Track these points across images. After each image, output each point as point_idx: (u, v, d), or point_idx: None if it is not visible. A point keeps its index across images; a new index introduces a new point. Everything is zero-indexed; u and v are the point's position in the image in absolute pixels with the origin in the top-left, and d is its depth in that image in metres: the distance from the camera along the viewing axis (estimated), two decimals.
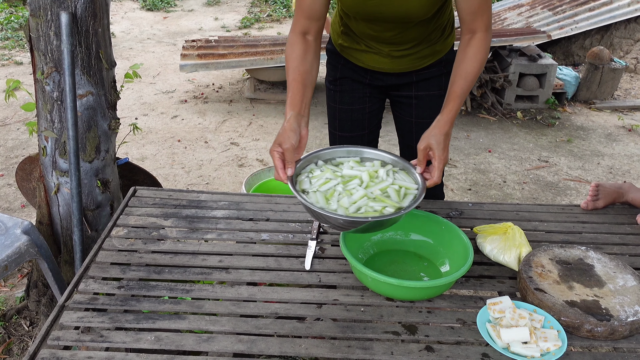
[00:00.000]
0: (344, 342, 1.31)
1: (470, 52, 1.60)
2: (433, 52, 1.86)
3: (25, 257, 1.95)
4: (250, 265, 1.59)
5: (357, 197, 1.46)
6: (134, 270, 1.56)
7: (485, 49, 1.62)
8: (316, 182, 1.51)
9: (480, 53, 1.60)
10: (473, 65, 1.59)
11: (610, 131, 4.94)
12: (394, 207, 1.43)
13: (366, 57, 1.87)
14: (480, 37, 1.60)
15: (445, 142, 1.52)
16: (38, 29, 1.98)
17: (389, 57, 1.83)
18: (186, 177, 3.94)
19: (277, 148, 1.47)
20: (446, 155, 1.52)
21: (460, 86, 1.58)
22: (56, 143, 2.12)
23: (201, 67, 4.97)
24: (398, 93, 1.98)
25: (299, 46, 1.65)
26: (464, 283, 1.54)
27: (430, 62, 1.88)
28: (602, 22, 6.19)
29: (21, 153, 4.16)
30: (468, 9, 1.59)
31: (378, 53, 1.84)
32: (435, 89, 1.94)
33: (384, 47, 1.81)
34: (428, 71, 1.90)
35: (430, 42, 1.82)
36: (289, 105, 1.56)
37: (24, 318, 2.46)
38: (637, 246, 1.74)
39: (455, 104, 1.56)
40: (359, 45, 1.85)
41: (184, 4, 10.09)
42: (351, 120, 2.01)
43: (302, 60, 1.64)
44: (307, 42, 1.67)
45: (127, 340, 1.30)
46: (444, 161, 1.51)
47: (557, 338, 1.27)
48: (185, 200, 1.94)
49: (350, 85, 1.97)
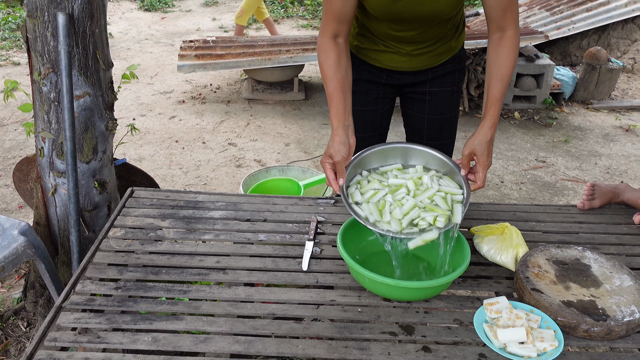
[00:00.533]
0: (341, 342, 1.31)
1: (503, 52, 1.59)
2: (449, 49, 1.88)
3: (22, 258, 1.94)
4: (247, 266, 1.59)
5: (407, 207, 1.52)
6: (131, 271, 1.56)
7: (517, 47, 1.61)
8: (367, 194, 1.58)
9: (513, 52, 1.60)
10: (507, 65, 1.59)
11: (608, 131, 4.95)
12: (445, 215, 1.49)
13: (384, 57, 1.87)
14: (511, 35, 1.59)
15: (489, 149, 1.57)
16: (35, 30, 1.97)
17: (408, 55, 1.84)
18: (184, 177, 3.94)
19: (329, 160, 1.58)
20: (490, 161, 1.58)
21: (499, 89, 1.58)
22: (53, 144, 2.12)
23: (199, 67, 4.97)
24: (412, 89, 1.99)
25: (333, 52, 1.66)
26: (461, 283, 1.55)
27: (446, 58, 1.90)
28: (600, 23, 6.20)
29: (19, 154, 4.15)
30: (498, 6, 1.58)
31: (397, 52, 1.84)
32: (448, 85, 1.96)
33: (404, 46, 1.82)
34: (443, 67, 1.92)
35: (447, 38, 1.84)
36: (335, 116, 1.62)
37: (21, 319, 2.46)
38: (634, 246, 1.75)
39: (496, 108, 1.58)
40: (377, 45, 1.85)
41: (181, 4, 10.08)
42: (363, 122, 2.02)
43: (338, 66, 1.66)
44: (339, 46, 1.68)
45: (124, 341, 1.30)
46: (487, 166, 1.58)
47: (554, 338, 1.27)
48: (182, 201, 1.93)
49: (365, 86, 1.97)
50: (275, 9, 9.52)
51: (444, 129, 2.03)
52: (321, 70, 1.69)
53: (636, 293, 1.42)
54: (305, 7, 9.69)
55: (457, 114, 2.07)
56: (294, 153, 4.35)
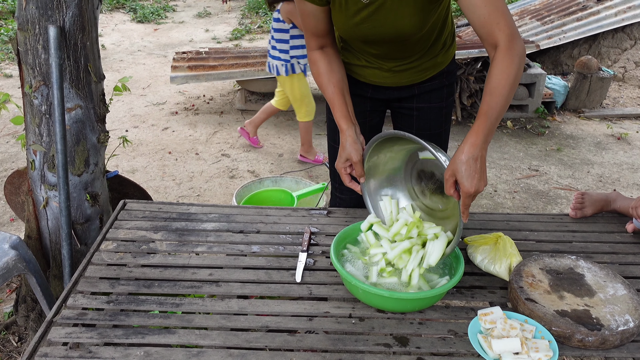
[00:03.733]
0: (335, 354, 1.30)
1: (496, 69, 1.40)
2: (434, 65, 1.84)
3: (13, 272, 1.93)
4: (240, 278, 1.58)
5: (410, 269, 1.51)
6: (123, 284, 1.54)
7: (512, 61, 1.40)
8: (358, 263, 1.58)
9: (508, 67, 1.39)
10: (499, 80, 1.39)
11: (600, 140, 4.97)
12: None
13: (367, 72, 1.86)
14: (503, 50, 1.41)
15: (472, 168, 1.33)
16: (26, 43, 1.97)
17: (391, 71, 1.82)
18: (177, 189, 3.93)
19: (347, 163, 1.61)
20: (475, 184, 1.32)
21: (487, 102, 1.39)
22: (45, 157, 2.11)
23: (192, 78, 4.98)
24: (399, 104, 1.98)
25: (322, 61, 1.70)
26: (455, 294, 1.54)
27: (431, 74, 1.87)
28: (590, 32, 6.26)
29: (10, 166, 4.13)
30: (478, 23, 1.44)
31: (379, 68, 1.83)
32: (436, 101, 1.94)
33: (385, 62, 1.80)
34: (430, 84, 1.89)
35: (432, 55, 1.80)
36: (342, 118, 1.65)
37: (13, 334, 2.43)
38: (627, 255, 1.75)
39: (482, 122, 1.36)
40: (360, 61, 1.85)
41: (174, 16, 10.11)
42: None
43: (330, 71, 1.69)
44: (328, 54, 1.72)
45: (116, 356, 1.28)
46: (470, 193, 1.33)
47: (549, 348, 1.26)
48: (175, 213, 1.93)
49: (352, 99, 1.96)
50: (268, 20, 9.55)
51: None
52: (316, 81, 1.72)
53: (630, 302, 1.42)
54: None
55: (448, 128, 2.04)
56: (288, 164, 4.35)
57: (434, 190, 1.65)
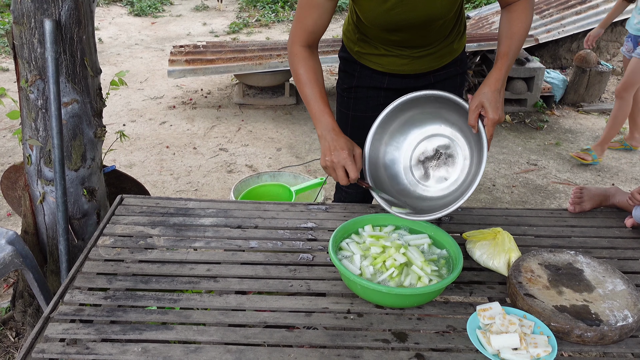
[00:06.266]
0: (333, 350, 1.30)
1: (517, 16, 1.61)
2: (451, 51, 1.87)
3: (10, 267, 1.92)
4: (238, 274, 1.58)
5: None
6: (121, 280, 1.54)
7: (529, 10, 1.61)
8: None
9: (524, 14, 1.60)
10: (519, 26, 1.59)
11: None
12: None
13: (386, 61, 1.86)
14: (523, 2, 1.60)
15: (498, 100, 1.52)
16: (22, 37, 1.95)
17: (410, 57, 1.83)
18: (175, 183, 3.92)
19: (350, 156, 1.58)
20: (499, 113, 1.52)
21: (507, 45, 1.59)
22: (41, 151, 2.10)
23: (189, 72, 4.95)
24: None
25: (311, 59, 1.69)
26: (454, 289, 1.54)
27: (448, 61, 1.89)
28: (589, 26, 6.23)
29: (7, 161, 4.11)
30: None
31: (399, 56, 1.83)
32: (450, 90, 1.94)
33: (405, 50, 1.81)
34: (445, 71, 1.92)
35: (449, 41, 1.84)
36: (329, 115, 1.64)
37: (10, 329, 2.43)
38: (626, 250, 1.75)
39: (504, 61, 1.57)
40: (378, 50, 1.85)
41: (172, 9, 10.06)
42: (363, 127, 2.01)
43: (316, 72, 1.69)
44: (314, 54, 1.71)
45: (113, 352, 1.28)
46: (496, 121, 1.52)
47: (547, 344, 1.26)
48: (172, 208, 1.92)
49: (365, 93, 1.97)
50: (266, 14, 9.51)
51: None
52: (297, 75, 1.69)
53: (629, 297, 1.41)
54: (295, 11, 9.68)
55: None
56: (286, 158, 4.34)
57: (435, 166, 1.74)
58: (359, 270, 1.50)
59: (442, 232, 1.62)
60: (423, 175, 1.77)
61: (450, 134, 1.71)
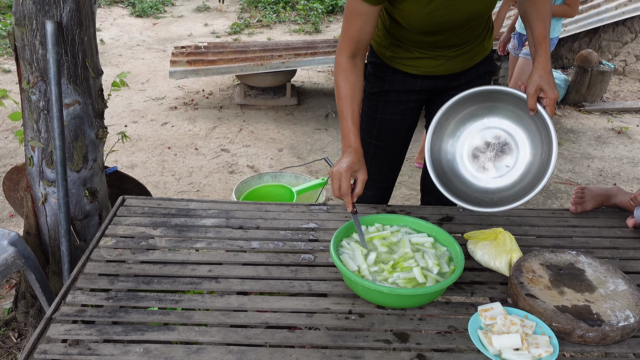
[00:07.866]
0: (335, 351, 1.30)
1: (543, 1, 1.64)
2: (482, 49, 1.90)
3: (12, 268, 1.92)
4: (240, 275, 1.58)
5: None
6: (123, 281, 1.54)
7: None
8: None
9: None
10: (544, 6, 1.63)
11: (600, 134, 4.96)
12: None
13: (420, 63, 1.87)
14: None
15: (551, 79, 1.57)
16: (23, 38, 1.96)
17: (444, 58, 1.84)
18: (176, 184, 3.92)
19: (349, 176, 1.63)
20: (556, 91, 1.57)
21: (542, 27, 1.62)
22: (43, 153, 2.10)
23: (191, 73, 4.95)
24: (444, 94, 1.98)
25: (353, 73, 1.69)
26: (455, 289, 1.54)
27: (479, 59, 1.91)
28: (591, 25, 6.23)
29: (9, 162, 4.12)
30: None
31: (433, 58, 1.85)
32: None
33: (439, 51, 1.82)
34: (475, 70, 1.93)
35: (481, 39, 1.86)
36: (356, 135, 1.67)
37: (12, 330, 2.43)
38: (628, 250, 1.75)
39: (546, 43, 1.61)
40: (411, 53, 1.85)
41: (173, 10, 10.07)
42: (390, 130, 2.03)
43: (355, 88, 1.69)
44: (357, 67, 1.70)
45: (115, 353, 1.28)
46: (556, 98, 1.57)
47: (549, 344, 1.26)
48: (174, 209, 1.92)
49: (396, 96, 1.98)
50: (267, 14, 9.52)
51: None
52: (337, 87, 1.70)
53: (630, 297, 1.41)
54: (297, 11, 9.69)
55: None
56: (287, 158, 4.34)
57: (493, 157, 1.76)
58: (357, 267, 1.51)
59: (443, 232, 1.62)
60: (485, 167, 1.76)
61: (508, 126, 1.72)
